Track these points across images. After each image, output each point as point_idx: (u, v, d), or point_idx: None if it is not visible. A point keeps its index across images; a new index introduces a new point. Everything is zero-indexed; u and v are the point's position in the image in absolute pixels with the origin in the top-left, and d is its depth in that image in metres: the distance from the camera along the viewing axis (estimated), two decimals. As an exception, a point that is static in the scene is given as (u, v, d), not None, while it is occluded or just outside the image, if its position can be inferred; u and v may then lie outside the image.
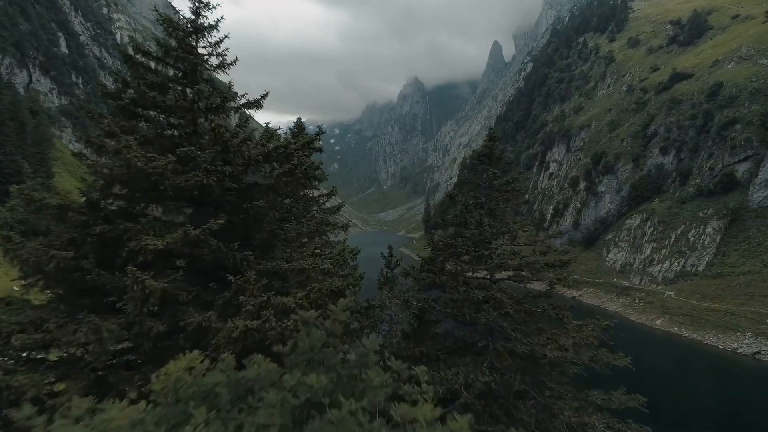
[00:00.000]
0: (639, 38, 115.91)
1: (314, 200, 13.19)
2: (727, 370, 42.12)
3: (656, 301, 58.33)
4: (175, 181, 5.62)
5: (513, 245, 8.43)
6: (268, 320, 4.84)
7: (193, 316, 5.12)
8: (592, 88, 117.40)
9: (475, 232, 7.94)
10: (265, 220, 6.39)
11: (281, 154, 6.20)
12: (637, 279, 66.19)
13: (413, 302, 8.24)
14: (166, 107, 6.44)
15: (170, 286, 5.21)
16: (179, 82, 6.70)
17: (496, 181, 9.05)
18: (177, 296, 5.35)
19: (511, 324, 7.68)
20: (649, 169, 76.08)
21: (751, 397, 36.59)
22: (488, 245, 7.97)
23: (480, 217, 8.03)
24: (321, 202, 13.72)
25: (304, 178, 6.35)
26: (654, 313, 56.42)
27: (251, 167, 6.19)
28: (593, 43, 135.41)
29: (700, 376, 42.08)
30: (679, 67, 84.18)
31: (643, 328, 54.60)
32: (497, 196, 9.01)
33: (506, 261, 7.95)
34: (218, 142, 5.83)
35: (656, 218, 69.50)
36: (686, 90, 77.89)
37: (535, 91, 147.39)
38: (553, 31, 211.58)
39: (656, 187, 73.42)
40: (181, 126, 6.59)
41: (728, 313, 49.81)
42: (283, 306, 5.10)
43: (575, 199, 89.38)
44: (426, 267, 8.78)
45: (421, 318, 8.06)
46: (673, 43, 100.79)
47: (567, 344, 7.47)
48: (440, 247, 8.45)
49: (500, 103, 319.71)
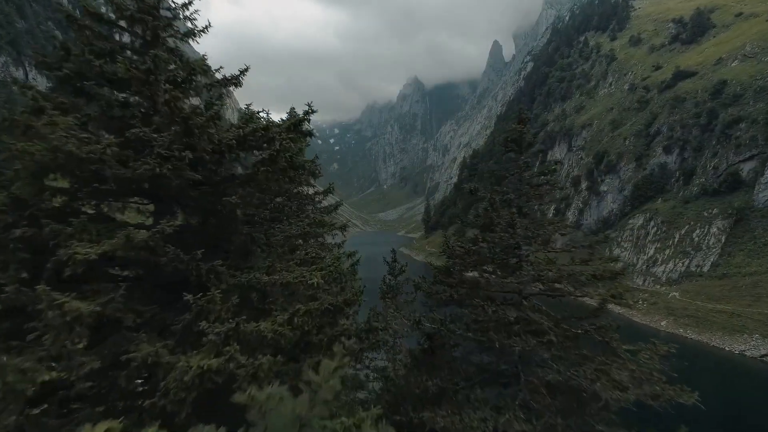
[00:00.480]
0: (641, 37, 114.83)
1: (309, 198, 11.89)
2: (735, 372, 41.04)
3: (660, 302, 57.21)
4: (119, 171, 4.40)
5: (547, 251, 7.14)
6: (232, 359, 3.64)
7: (142, 346, 3.91)
8: (594, 87, 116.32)
9: (504, 235, 6.59)
10: (240, 221, 5.14)
11: (261, 138, 4.96)
12: (640, 279, 65.07)
13: (426, 324, 6.86)
14: (118, 80, 5.17)
15: (109, 307, 4.00)
16: (136, 51, 5.47)
17: (527, 172, 7.71)
18: (120, 320, 4.14)
19: (551, 351, 6.30)
20: (652, 168, 74.99)
21: (759, 400, 35.50)
22: (518, 251, 6.64)
23: (511, 217, 6.66)
24: (317, 201, 12.38)
25: (290, 168, 5.12)
26: (658, 315, 55.30)
27: (225, 155, 4.97)
28: (594, 41, 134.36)
29: (706, 379, 40.97)
30: (682, 65, 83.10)
31: (647, 329, 53.47)
32: (528, 191, 7.68)
33: (543, 271, 6.66)
34: (176, 121, 4.60)
35: (660, 218, 68.40)
36: (690, 88, 76.80)
37: (536, 90, 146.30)
38: (554, 30, 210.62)
39: (659, 186, 72.34)
40: (137, 104, 5.33)
41: (735, 315, 48.71)
42: (257, 334, 3.91)
43: (577, 199, 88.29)
44: (440, 278, 7.33)
45: (434, 340, 6.74)
46: (676, 41, 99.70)
47: (623, 378, 6.10)
48: (458, 254, 7.03)
49: (500, 103, 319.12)
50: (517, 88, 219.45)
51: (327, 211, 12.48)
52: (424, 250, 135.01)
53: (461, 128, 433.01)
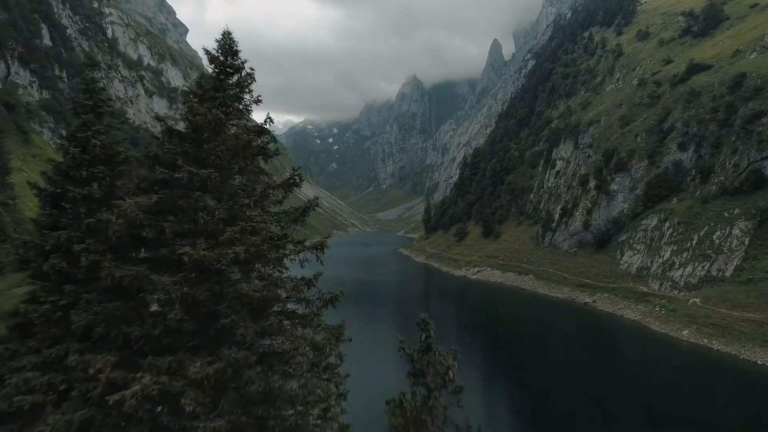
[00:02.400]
0: (649, 31, 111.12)
1: (255, 191, 7.79)
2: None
3: (680, 309, 53.40)
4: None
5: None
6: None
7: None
8: (600, 82, 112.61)
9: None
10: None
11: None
12: (656, 284, 61.29)
13: None
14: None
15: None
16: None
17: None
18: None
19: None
20: (666, 166, 71.19)
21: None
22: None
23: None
24: (270, 198, 8.33)
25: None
26: (678, 323, 51.48)
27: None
28: (599, 37, 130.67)
29: (738, 397, 37.19)
30: (696, 58, 79.32)
31: (667, 339, 49.69)
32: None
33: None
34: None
35: (675, 219, 64.60)
36: (705, 82, 73.03)
37: (539, 87, 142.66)
38: (556, 26, 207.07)
39: (674, 185, 68.53)
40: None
41: (765, 324, 44.94)
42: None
43: (585, 199, 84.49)
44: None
45: None
46: (687, 34, 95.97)
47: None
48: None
49: (500, 102, 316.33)
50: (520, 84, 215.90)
51: (293, 217, 8.40)
52: (424, 251, 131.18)
53: (461, 127, 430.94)
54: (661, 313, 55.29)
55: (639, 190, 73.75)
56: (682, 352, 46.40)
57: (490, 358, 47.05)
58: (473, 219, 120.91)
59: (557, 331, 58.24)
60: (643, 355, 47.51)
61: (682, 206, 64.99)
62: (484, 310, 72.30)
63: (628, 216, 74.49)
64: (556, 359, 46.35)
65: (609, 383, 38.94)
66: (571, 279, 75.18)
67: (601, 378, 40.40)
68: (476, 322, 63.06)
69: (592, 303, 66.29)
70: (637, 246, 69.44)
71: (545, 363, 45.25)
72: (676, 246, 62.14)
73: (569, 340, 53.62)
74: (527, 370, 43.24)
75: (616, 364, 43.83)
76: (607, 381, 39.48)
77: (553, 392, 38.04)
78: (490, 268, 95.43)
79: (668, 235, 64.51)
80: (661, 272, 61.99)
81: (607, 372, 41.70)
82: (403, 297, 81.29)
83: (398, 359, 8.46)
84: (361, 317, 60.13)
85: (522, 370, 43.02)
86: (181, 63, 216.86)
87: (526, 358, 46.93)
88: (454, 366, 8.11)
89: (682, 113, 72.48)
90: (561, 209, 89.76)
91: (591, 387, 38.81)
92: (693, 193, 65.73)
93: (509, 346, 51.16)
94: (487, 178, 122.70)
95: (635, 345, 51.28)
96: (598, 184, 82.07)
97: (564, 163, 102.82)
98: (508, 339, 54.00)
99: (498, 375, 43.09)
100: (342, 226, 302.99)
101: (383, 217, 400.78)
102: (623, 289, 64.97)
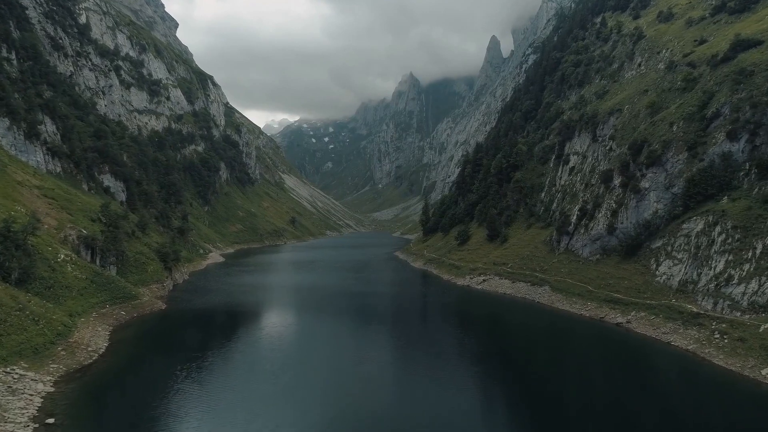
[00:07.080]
0: (672, 11, 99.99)
1: None
2: None
3: (750, 339, 41.70)
4: None
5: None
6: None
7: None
8: (618, 69, 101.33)
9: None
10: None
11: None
12: (708, 303, 49.73)
13: None
14: None
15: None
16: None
17: None
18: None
19: None
20: (711, 158, 59.70)
21: None
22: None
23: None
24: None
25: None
26: (753, 357, 39.77)
27: None
28: (614, 21, 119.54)
29: None
30: (742, 33, 68.06)
31: (738, 379, 37.91)
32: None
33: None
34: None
35: (728, 222, 53.04)
36: (757, 59, 61.73)
37: (546, 77, 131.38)
38: (560, 17, 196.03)
39: (723, 181, 57.01)
40: None
41: None
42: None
43: (609, 198, 72.95)
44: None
45: None
46: (721, 11, 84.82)
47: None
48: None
49: (500, 99, 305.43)
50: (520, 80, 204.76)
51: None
52: (422, 256, 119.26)
53: (458, 126, 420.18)
54: (724, 341, 43.66)
55: (677, 188, 62.25)
56: (766, 399, 34.78)
57: (514, 403, 35.24)
58: (476, 220, 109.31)
59: (593, 365, 46.60)
60: (712, 406, 35.62)
61: (737, 207, 53.47)
62: (497, 332, 60.32)
63: (664, 218, 62.99)
64: (600, 410, 34.41)
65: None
66: (596, 292, 63.59)
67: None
68: (489, 350, 51.27)
69: (626, 324, 54.71)
70: (677, 254, 57.88)
71: (586, 413, 33.30)
72: (733, 256, 50.57)
73: (611, 379, 41.81)
74: (565, 424, 31.38)
75: (678, 417, 31.83)
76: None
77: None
78: (497, 276, 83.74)
79: (720, 241, 52.93)
80: (713, 288, 50.42)
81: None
82: (399, 317, 69.57)
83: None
84: (349, 349, 48.41)
85: (559, 424, 31.15)
86: (167, 56, 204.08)
87: (561, 403, 34.97)
88: None
89: (730, 96, 61.07)
90: (579, 210, 78.21)
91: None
92: (749, 191, 54.27)
93: (535, 383, 39.47)
94: (492, 175, 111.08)
95: (698, 388, 39.51)
96: (625, 181, 70.49)
97: (579, 158, 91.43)
98: (533, 375, 42.26)
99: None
100: (336, 227, 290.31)
101: (379, 218, 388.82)
102: (664, 308, 53.37)
